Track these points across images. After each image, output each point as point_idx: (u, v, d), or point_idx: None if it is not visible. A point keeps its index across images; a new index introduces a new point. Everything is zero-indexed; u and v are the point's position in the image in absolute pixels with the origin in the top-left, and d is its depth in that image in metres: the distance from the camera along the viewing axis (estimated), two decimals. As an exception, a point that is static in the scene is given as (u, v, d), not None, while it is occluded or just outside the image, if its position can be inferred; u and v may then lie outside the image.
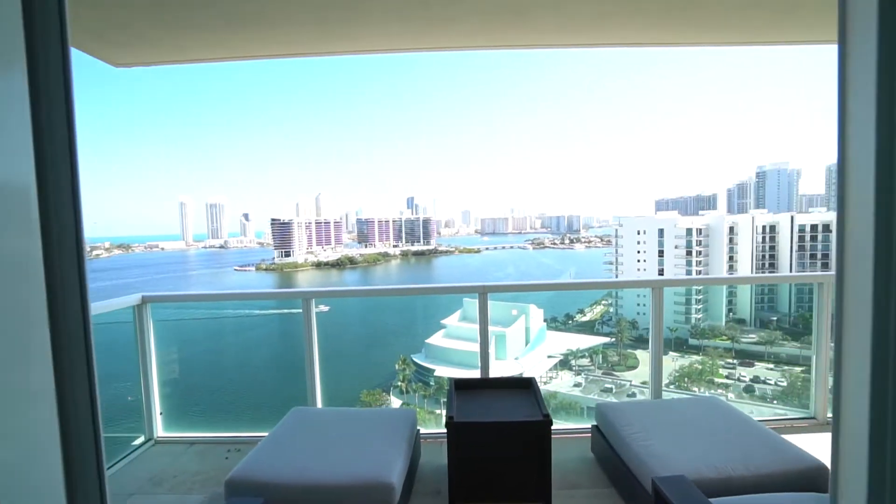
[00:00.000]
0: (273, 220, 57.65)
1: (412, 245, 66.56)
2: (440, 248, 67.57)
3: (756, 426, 2.27)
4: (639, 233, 31.22)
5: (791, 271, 30.18)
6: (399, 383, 5.46)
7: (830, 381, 3.37)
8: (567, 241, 70.80)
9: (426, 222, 69.17)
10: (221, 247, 68.15)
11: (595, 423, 2.76)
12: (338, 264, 56.48)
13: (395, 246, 65.81)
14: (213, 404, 4.54)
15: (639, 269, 30.92)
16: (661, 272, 29.96)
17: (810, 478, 1.84)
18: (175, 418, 3.96)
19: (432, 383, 6.69)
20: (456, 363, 7.63)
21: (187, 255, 65.52)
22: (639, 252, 31.03)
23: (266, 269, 54.40)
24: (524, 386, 2.90)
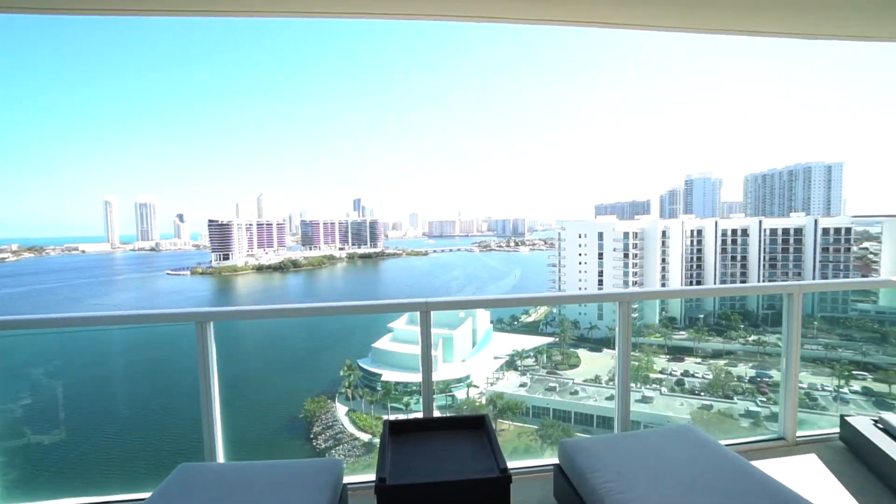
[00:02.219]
0: (211, 221, 54.65)
1: (359, 247, 65.46)
2: (387, 251, 66.93)
3: (741, 464, 2.01)
4: (580, 236, 32.57)
5: (715, 272, 32.70)
6: (344, 389, 5.36)
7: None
8: (512, 244, 72.56)
9: (373, 224, 68.30)
10: (152, 249, 63.70)
11: (558, 463, 2.36)
12: (280, 268, 54.41)
13: (340, 248, 64.43)
14: (68, 460, 3.35)
15: (580, 272, 32.26)
16: (600, 274, 31.44)
17: None
18: (13, 485, 2.95)
19: (379, 388, 6.61)
20: (403, 367, 7.58)
21: (113, 259, 60.59)
22: (580, 255, 32.37)
23: (203, 273, 51.43)
24: (475, 425, 2.42)
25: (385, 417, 5.55)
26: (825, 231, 31.47)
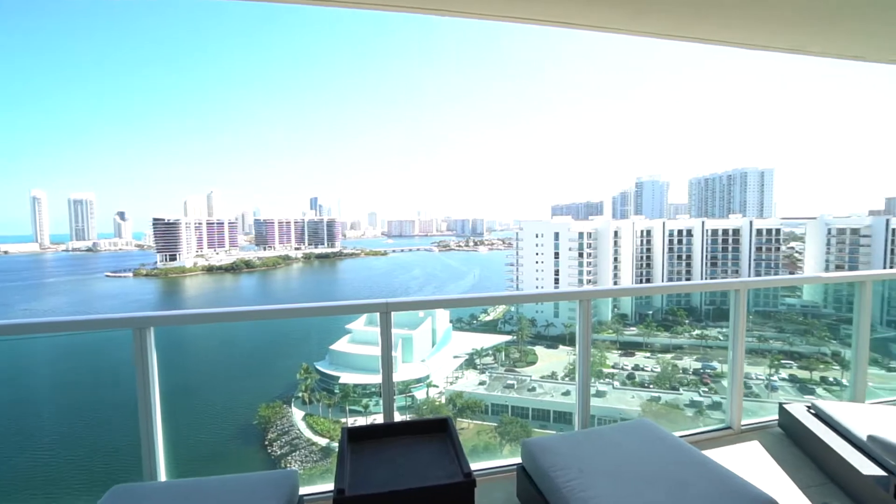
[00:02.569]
0: (156, 220, 51.71)
1: (316, 247, 64.03)
2: (345, 251, 65.90)
3: (694, 455, 2.08)
4: (537, 236, 33.34)
5: (663, 270, 34.38)
6: (301, 393, 5.20)
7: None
8: (471, 244, 73.33)
9: (331, 224, 67.01)
10: (89, 250, 59.51)
11: (521, 463, 2.33)
12: (233, 268, 52.25)
13: (297, 248, 62.73)
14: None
15: (537, 271, 33.00)
16: (556, 273, 32.29)
17: None
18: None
19: (337, 391, 6.47)
20: (362, 368, 7.47)
21: (42, 260, 56.06)
22: (537, 254, 33.12)
23: (147, 275, 48.58)
24: (438, 429, 2.33)
25: (343, 421, 5.43)
26: (759, 232, 33.78)
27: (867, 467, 2.34)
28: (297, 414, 5.15)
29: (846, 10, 2.30)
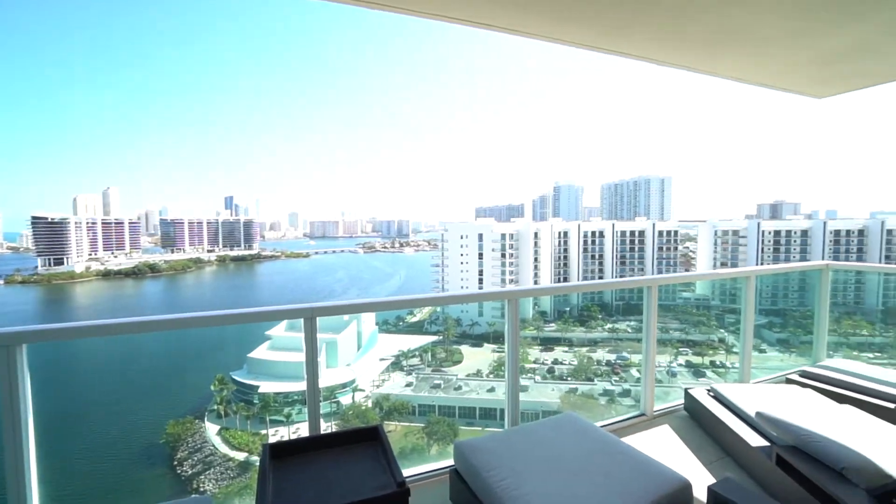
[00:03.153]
0: (36, 218, 45.28)
1: (231, 249, 60.04)
2: (264, 253, 62.52)
3: (616, 445, 2.18)
4: (462, 237, 34.01)
5: (579, 269, 36.66)
6: (216, 406, 4.81)
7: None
8: (397, 245, 72.98)
9: (248, 224, 63.17)
10: (-54, 253, 50.73)
11: (453, 466, 2.30)
12: (135, 273, 47.21)
13: (210, 250, 58.37)
14: None
15: (462, 271, 33.62)
16: (480, 273, 33.15)
17: (680, 499, 1.84)
18: None
19: (257, 401, 6.07)
20: (283, 376, 7.09)
21: None
22: (462, 255, 33.76)
23: (23, 282, 42.37)
24: (369, 437, 2.22)
25: (263, 432, 5.12)
26: (661, 233, 37.28)
27: (755, 440, 2.64)
28: (212, 428, 4.75)
29: (733, 35, 2.58)
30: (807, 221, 35.04)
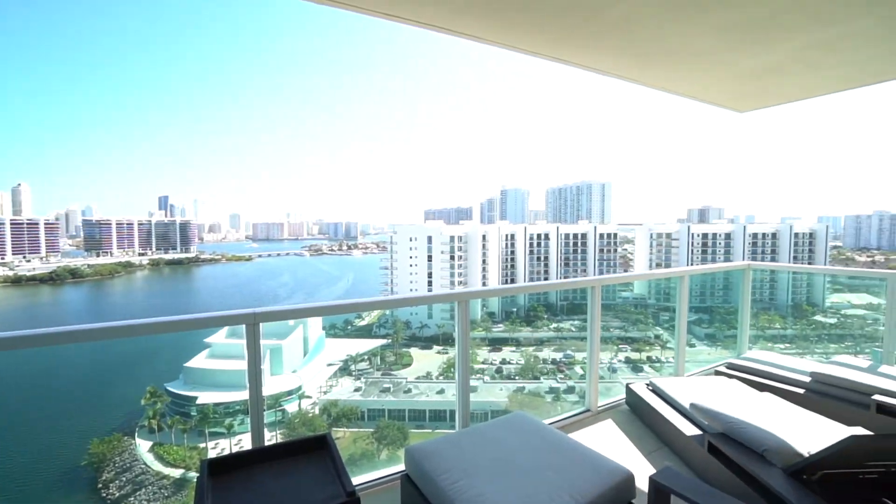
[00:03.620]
0: (-71, 218, 40.17)
1: (166, 253, 56.27)
2: (203, 256, 59.14)
3: (564, 441, 2.24)
4: (411, 239, 33.93)
5: (525, 270, 37.65)
6: (148, 421, 4.48)
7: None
8: (345, 248, 71.53)
9: (184, 226, 59.48)
10: None
11: (404, 471, 2.28)
12: (52, 279, 42.97)
13: (141, 254, 54.37)
14: None
15: (411, 273, 33.53)
16: (430, 275, 33.20)
17: (624, 490, 1.93)
18: None
19: (194, 413, 5.70)
20: (223, 385, 6.73)
21: None
22: (411, 257, 33.67)
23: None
24: (316, 446, 2.12)
25: (202, 446, 4.84)
26: (602, 236, 39.10)
27: (690, 429, 2.83)
28: (144, 445, 4.42)
29: (665, 49, 2.75)
30: (730, 225, 38.11)
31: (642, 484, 1.92)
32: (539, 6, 2.20)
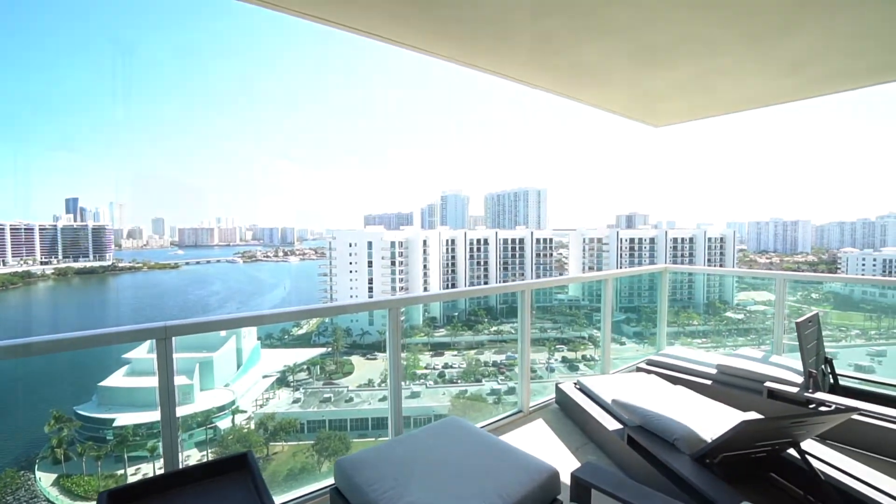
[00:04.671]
0: None
1: (75, 261, 51.05)
2: (120, 264, 54.28)
3: (495, 443, 2.28)
4: (350, 245, 33.37)
5: (465, 275, 38.22)
6: (51, 451, 4.05)
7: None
8: (281, 254, 68.68)
9: (98, 231, 54.29)
10: None
11: (334, 485, 2.22)
12: (-70, 293, 37.51)
13: (44, 262, 48.92)
14: None
15: (351, 280, 32.92)
16: (370, 281, 32.77)
17: (549, 487, 2.00)
18: None
19: (111, 437, 5.19)
20: (146, 405, 6.22)
21: None
22: (351, 263, 33.09)
23: None
24: (237, 466, 2.02)
25: (120, 472, 4.48)
26: (538, 241, 40.65)
27: (612, 424, 3.02)
28: (46, 479, 3.98)
29: (588, 68, 2.95)
30: (654, 230, 41.07)
31: (568, 479, 2.04)
32: (471, 17, 2.29)
